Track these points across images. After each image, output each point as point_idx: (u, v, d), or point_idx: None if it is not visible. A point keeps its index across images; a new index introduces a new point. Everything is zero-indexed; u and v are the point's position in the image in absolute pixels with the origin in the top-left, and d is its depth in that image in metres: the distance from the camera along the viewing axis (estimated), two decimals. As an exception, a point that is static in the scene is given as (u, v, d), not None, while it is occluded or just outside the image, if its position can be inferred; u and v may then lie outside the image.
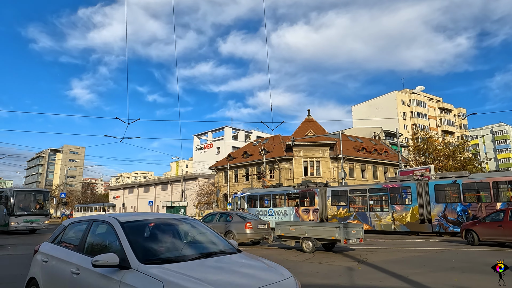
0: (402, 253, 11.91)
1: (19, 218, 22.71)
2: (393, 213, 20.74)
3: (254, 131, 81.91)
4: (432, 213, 19.22)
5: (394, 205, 20.88)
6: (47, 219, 24.51)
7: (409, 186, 20.52)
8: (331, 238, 11.80)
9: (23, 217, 22.91)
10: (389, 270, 8.42)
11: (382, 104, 76.07)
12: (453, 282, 7.13)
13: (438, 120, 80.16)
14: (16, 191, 24.04)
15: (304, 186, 26.22)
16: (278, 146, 42.48)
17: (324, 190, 24.72)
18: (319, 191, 24.65)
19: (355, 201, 23.22)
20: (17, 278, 7.64)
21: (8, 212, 22.71)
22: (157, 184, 73.86)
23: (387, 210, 21.13)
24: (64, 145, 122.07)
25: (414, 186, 20.24)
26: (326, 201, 24.25)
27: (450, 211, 18.55)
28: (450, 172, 22.08)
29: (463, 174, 19.55)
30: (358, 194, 23.15)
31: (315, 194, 24.74)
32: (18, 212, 22.97)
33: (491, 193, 17.57)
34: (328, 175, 38.81)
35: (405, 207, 20.41)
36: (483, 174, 20.97)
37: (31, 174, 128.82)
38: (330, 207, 23.93)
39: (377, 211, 21.59)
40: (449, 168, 36.08)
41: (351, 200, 23.22)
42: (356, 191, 23.41)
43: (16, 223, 22.60)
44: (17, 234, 22.77)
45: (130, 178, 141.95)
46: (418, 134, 43.75)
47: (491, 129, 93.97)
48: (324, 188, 25.05)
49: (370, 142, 49.20)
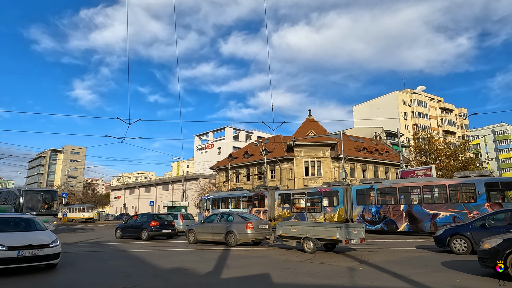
0: (404, 253, 11.90)
1: None
2: (324, 214, 23.32)
3: (255, 131, 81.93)
4: (354, 214, 21.97)
5: (326, 207, 23.56)
6: (56, 219, 24.03)
7: (337, 190, 23.29)
8: (332, 238, 11.78)
9: None
10: (391, 270, 8.42)
11: (383, 104, 75.99)
12: (455, 282, 7.12)
13: (439, 120, 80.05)
14: (25, 190, 23.49)
15: (258, 190, 28.59)
16: (279, 146, 42.46)
17: (272, 193, 26.91)
18: (268, 194, 26.88)
19: (297, 203, 25.45)
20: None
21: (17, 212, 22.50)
22: (158, 184, 73.91)
23: (320, 211, 23.67)
24: (65, 145, 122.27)
25: (341, 191, 22.98)
26: (274, 203, 26.48)
27: (367, 212, 21.36)
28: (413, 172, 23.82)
29: (379, 180, 22.57)
30: (299, 197, 25.52)
31: (265, 196, 26.98)
32: (27, 212, 22.79)
33: (398, 197, 20.32)
34: (329, 175, 38.79)
35: (333, 209, 23.11)
36: (393, 181, 23.05)
37: (32, 175, 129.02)
38: (277, 208, 26.11)
39: (312, 212, 23.96)
40: (450, 168, 36.03)
41: (294, 202, 25.50)
42: (298, 194, 25.93)
43: None
44: None
45: (131, 178, 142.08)
46: (419, 134, 43.73)
47: (493, 129, 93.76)
48: (272, 191, 27.15)
49: (371, 142, 49.16)
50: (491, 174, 22.34)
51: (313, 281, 7.40)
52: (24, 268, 8.29)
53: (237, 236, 14.50)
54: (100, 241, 18.61)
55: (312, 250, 12.22)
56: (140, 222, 19.55)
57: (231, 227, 14.92)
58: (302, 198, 25.25)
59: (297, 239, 12.87)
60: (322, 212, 23.49)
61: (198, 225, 16.73)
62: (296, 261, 10.33)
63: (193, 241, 16.24)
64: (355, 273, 8.22)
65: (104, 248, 14.59)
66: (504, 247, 7.22)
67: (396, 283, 7.11)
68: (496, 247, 7.39)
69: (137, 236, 18.93)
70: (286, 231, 13.23)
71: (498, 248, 7.32)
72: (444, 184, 19.10)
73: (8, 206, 23.77)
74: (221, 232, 15.16)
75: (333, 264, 9.62)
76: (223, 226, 15.19)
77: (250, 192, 28.65)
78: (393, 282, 7.25)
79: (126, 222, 20.56)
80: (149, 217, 19.47)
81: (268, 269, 8.87)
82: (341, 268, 9.00)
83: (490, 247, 7.55)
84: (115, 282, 7.33)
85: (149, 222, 18.69)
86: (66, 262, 10.45)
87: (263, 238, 15.20)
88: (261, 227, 15.11)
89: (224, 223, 15.38)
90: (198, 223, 17.96)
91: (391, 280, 7.39)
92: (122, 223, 20.80)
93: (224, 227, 15.08)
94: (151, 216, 19.61)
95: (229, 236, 14.77)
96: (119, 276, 8.02)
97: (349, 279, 7.53)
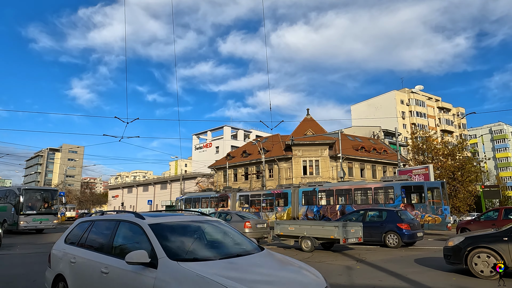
0: (401, 252, 11.94)
1: (28, 217, 22.06)
2: (276, 213, 25.77)
3: (253, 131, 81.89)
4: (299, 213, 24.51)
5: (277, 207, 26.14)
6: (56, 218, 23.83)
7: (287, 192, 25.86)
8: (330, 237, 11.83)
9: (32, 216, 22.28)
10: (388, 269, 8.45)
11: (381, 103, 76.09)
12: (452, 281, 7.16)
13: (437, 119, 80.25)
14: (25, 189, 23.28)
15: (224, 191, 31.41)
16: (277, 146, 42.47)
17: (234, 194, 29.43)
18: (231, 195, 29.42)
19: (254, 203, 27.91)
20: (38, 275, 7.66)
21: (17, 211, 22.14)
22: (156, 183, 73.81)
23: (272, 211, 26.23)
24: (63, 144, 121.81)
25: (290, 192, 25.59)
26: (236, 203, 28.94)
27: (310, 211, 23.95)
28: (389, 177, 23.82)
29: (321, 183, 25.03)
30: (257, 198, 28.13)
31: (228, 197, 29.59)
32: (27, 211, 22.33)
33: (334, 198, 23.10)
34: (327, 175, 38.83)
35: (283, 208, 25.63)
36: (332, 184, 25.92)
37: (30, 174, 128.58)
38: (238, 208, 28.28)
39: (266, 212, 26.37)
40: (448, 168, 36.11)
41: (252, 202, 28.10)
42: (256, 195, 28.45)
43: (25, 222, 21.94)
44: (24, 233, 22.32)
45: (129, 177, 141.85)
46: (417, 133, 43.79)
47: (490, 128, 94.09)
48: (235, 193, 29.75)
49: (369, 142, 49.23)
50: (488, 173, 22.74)
51: None
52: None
53: None
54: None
55: (310, 249, 12.23)
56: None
57: None
58: (259, 199, 27.93)
59: (295, 238, 12.88)
60: (275, 212, 25.98)
61: None
62: (294, 260, 10.34)
63: None
64: (352, 272, 8.24)
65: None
66: (466, 245, 7.57)
67: (393, 282, 7.14)
68: (458, 245, 7.75)
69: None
70: (284, 230, 13.23)
71: (460, 245, 7.69)
72: (370, 187, 21.95)
73: (8, 205, 23.62)
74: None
75: (331, 263, 9.65)
76: None
77: (217, 194, 31.47)
78: (390, 280, 7.28)
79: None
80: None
81: (266, 268, 8.87)
82: (339, 267, 9.02)
83: (453, 244, 7.89)
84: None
85: None
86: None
87: (261, 237, 15.18)
88: (259, 226, 15.11)
89: None
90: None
91: (388, 279, 7.42)
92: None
93: None
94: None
95: None
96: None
97: (347, 278, 7.55)
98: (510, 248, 6.93)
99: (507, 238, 7.06)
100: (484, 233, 7.92)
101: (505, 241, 7.05)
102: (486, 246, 7.27)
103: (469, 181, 37.64)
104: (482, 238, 7.50)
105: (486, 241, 7.35)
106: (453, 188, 36.00)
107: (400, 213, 13.92)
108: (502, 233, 7.27)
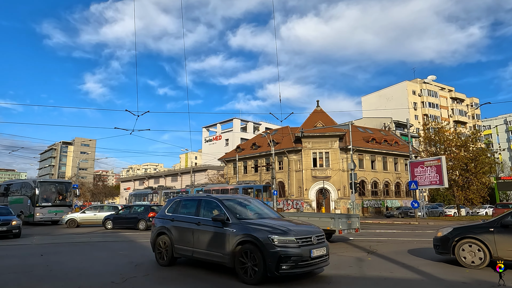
0: (413, 244, 11.87)
1: (43, 209, 22.70)
2: None
3: (263, 123, 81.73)
4: None
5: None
6: (70, 210, 24.38)
7: (188, 190, 37.09)
8: (326, 228, 12.12)
9: (48, 208, 22.91)
10: (399, 261, 8.41)
11: (392, 94, 74.94)
12: (465, 273, 7.09)
13: (450, 110, 78.72)
14: (40, 182, 23.88)
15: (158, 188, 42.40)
16: (287, 138, 42.32)
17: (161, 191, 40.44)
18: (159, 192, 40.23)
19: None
20: (55, 265, 7.87)
21: (33, 203, 22.66)
22: (167, 175, 74.61)
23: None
24: (75, 138, 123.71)
25: (189, 190, 35.55)
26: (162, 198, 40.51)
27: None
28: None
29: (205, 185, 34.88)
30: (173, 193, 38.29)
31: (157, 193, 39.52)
32: (43, 203, 22.89)
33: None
34: (337, 166, 38.64)
35: None
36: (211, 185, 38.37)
37: (44, 167, 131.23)
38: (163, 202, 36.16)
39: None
40: (461, 159, 35.51)
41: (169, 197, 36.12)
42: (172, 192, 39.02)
43: (41, 214, 22.59)
44: (40, 225, 22.90)
45: (141, 170, 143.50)
46: (429, 124, 43.08)
47: (505, 119, 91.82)
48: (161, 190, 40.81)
49: (380, 133, 48.66)
50: (503, 165, 22.33)
51: (321, 271, 7.43)
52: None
53: None
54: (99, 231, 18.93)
55: None
56: (135, 213, 19.91)
57: None
58: (174, 194, 38.50)
59: None
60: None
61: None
62: (304, 252, 10.37)
63: None
64: (363, 264, 8.23)
65: (113, 238, 14.84)
66: (454, 235, 7.91)
67: (404, 274, 7.11)
68: (446, 235, 8.07)
69: (132, 227, 19.18)
70: None
71: (448, 236, 8.02)
72: (227, 188, 33.37)
73: (24, 197, 24.20)
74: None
75: (342, 255, 9.65)
76: None
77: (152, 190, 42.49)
78: (402, 272, 7.25)
79: (117, 213, 20.53)
80: (146, 209, 20.15)
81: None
82: (350, 258, 9.02)
83: (442, 235, 8.22)
84: (126, 271, 7.48)
85: (147, 213, 19.27)
86: (78, 251, 10.68)
87: None
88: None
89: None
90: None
91: (399, 271, 7.39)
92: (111, 214, 20.75)
93: None
94: (148, 208, 20.32)
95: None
96: (130, 265, 8.17)
97: (358, 269, 7.55)
98: (496, 239, 7.25)
99: (493, 229, 7.37)
100: (471, 224, 8.19)
101: (491, 232, 7.36)
102: (473, 237, 7.58)
103: (483, 172, 36.96)
104: (469, 229, 7.81)
105: (473, 232, 7.64)
106: (466, 180, 35.42)
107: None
108: (488, 224, 7.58)
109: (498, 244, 7.22)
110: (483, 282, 6.31)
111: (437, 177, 28.66)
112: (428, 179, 29.32)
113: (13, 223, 14.16)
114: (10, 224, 14.08)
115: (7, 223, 14.00)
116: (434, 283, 6.40)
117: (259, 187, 34.16)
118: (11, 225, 14.08)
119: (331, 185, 38.53)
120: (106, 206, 25.13)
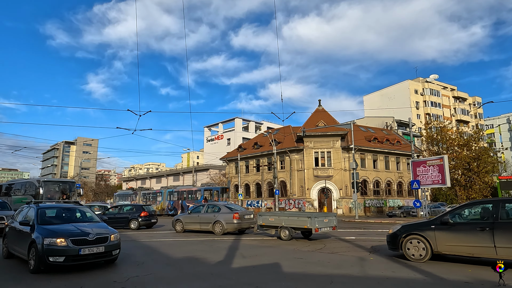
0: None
1: None
2: (156, 205, 39.24)
3: (265, 122, 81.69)
4: (164, 206, 39.32)
5: (157, 200, 40.81)
6: None
7: (162, 191, 41.23)
8: (304, 227, 12.49)
9: None
10: (402, 261, 8.40)
11: (394, 93, 74.73)
12: (467, 273, 7.07)
13: (452, 109, 78.41)
14: (44, 181, 23.72)
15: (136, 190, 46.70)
16: (289, 137, 42.27)
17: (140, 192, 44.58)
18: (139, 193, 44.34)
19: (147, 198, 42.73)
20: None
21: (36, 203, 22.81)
22: (169, 175, 74.72)
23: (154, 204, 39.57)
24: (77, 137, 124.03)
25: (162, 191, 40.82)
26: (140, 199, 43.29)
27: (169, 205, 38.77)
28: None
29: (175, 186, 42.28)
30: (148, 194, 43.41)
31: (137, 195, 43.81)
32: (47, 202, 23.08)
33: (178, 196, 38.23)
34: (339, 166, 38.58)
35: (159, 202, 40.34)
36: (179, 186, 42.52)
37: (46, 166, 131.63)
38: (141, 201, 41.29)
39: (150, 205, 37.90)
40: (463, 158, 35.41)
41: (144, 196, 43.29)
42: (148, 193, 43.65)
43: None
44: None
45: (143, 170, 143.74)
46: (432, 123, 42.97)
47: (508, 118, 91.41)
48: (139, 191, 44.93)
49: (382, 132, 48.53)
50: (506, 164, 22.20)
51: (323, 270, 7.43)
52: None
53: (224, 225, 15.33)
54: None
55: (288, 237, 12.91)
56: (126, 213, 19.84)
57: (218, 217, 15.76)
58: (149, 195, 42.99)
59: (275, 228, 13.57)
60: (156, 203, 39.62)
61: (185, 216, 17.51)
62: (306, 251, 10.38)
63: (181, 230, 16.95)
64: (365, 263, 8.22)
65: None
66: (401, 232, 8.51)
67: (407, 273, 7.09)
68: (395, 232, 8.64)
69: (123, 226, 19.04)
70: (265, 221, 14.03)
71: (397, 233, 8.59)
72: (192, 190, 37.42)
73: (27, 196, 24.23)
74: (208, 222, 16.04)
75: (343, 254, 9.64)
76: (210, 216, 16.08)
77: (132, 191, 46.99)
78: (404, 272, 7.23)
79: (104, 213, 20.14)
80: (137, 208, 20.08)
81: (278, 258, 8.93)
82: (351, 258, 9.01)
83: (392, 232, 8.78)
84: (129, 270, 7.50)
85: (139, 213, 19.28)
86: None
87: (248, 227, 16.08)
88: (246, 217, 15.97)
89: (212, 214, 16.21)
90: (185, 213, 18.72)
91: (401, 270, 7.37)
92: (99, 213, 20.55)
93: (212, 217, 15.94)
94: (139, 207, 20.23)
95: (216, 226, 15.61)
96: (133, 265, 8.19)
97: (360, 269, 7.53)
98: (436, 235, 7.93)
99: (434, 226, 8.01)
100: (417, 221, 8.90)
101: (432, 229, 8.02)
102: (417, 233, 8.24)
103: (486, 172, 36.83)
104: (414, 226, 8.46)
105: (418, 229, 8.29)
106: (468, 179, 35.31)
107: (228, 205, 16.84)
108: (431, 221, 8.24)
109: (438, 239, 7.88)
110: (486, 282, 6.29)
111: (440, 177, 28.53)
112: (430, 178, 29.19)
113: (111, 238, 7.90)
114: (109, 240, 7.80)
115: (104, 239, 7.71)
116: (437, 282, 6.38)
117: (217, 189, 37.05)
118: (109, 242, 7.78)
119: (333, 184, 38.48)
120: (97, 205, 24.90)
